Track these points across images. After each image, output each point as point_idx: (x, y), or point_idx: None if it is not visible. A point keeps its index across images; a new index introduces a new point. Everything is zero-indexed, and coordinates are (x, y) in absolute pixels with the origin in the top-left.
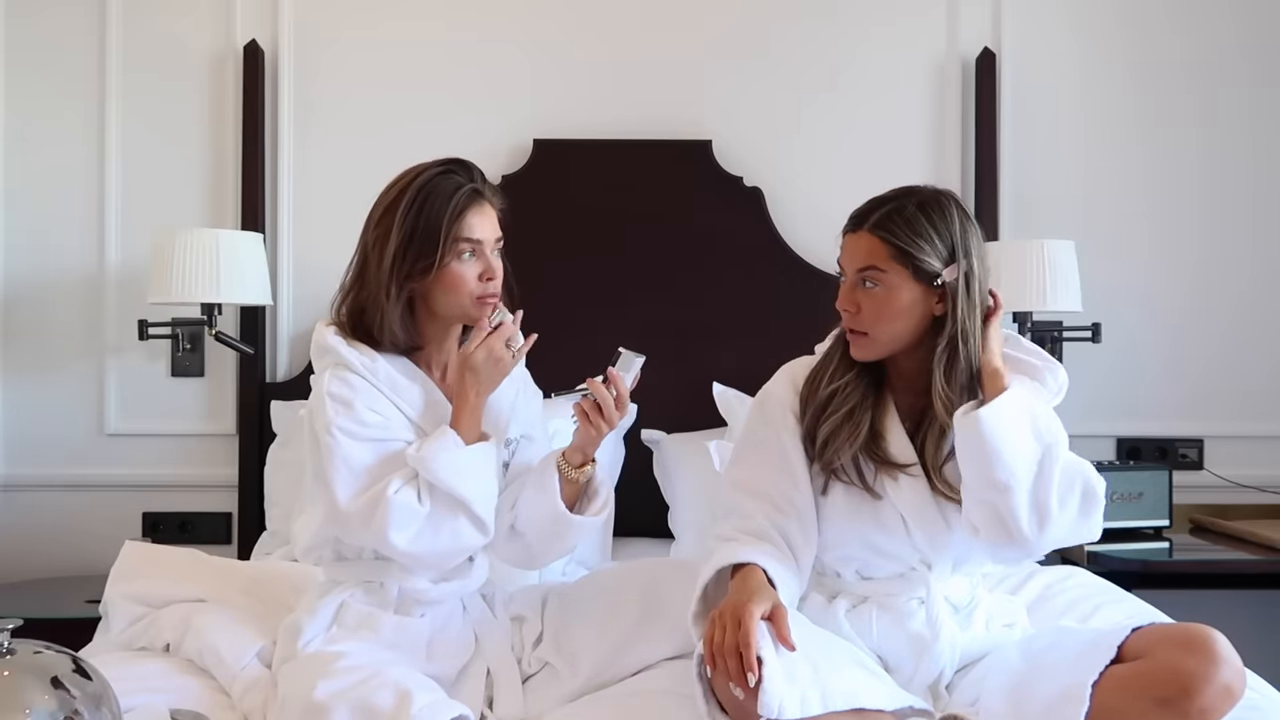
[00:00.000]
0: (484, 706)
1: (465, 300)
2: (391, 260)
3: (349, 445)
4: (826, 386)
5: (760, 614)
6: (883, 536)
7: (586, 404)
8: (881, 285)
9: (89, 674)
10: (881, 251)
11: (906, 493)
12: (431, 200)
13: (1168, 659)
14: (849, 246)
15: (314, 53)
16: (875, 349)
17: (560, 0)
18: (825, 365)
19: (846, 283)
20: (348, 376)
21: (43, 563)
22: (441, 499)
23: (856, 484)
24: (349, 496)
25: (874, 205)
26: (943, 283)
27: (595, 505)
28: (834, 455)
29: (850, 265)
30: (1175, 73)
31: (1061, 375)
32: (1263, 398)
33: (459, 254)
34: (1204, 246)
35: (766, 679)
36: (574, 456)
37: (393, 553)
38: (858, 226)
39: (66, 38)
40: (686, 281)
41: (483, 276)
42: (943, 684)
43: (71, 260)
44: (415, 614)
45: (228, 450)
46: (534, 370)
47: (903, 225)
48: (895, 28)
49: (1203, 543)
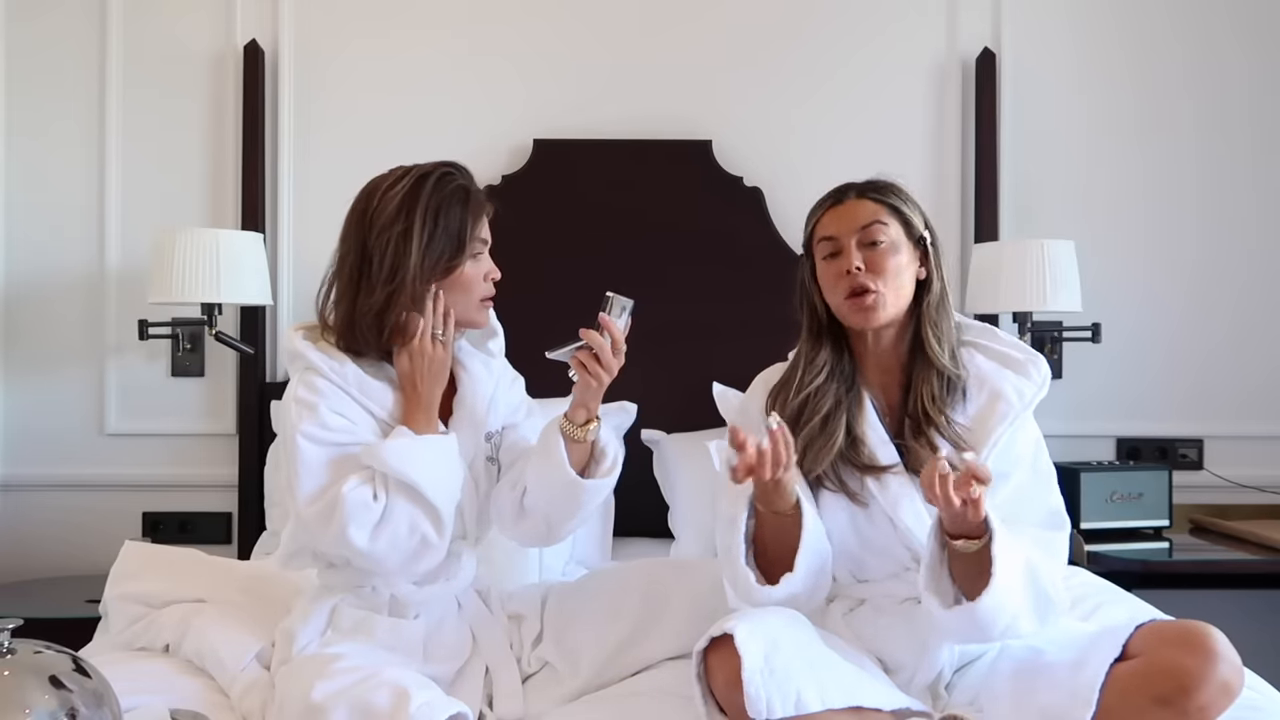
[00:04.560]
0: (483, 705)
1: (473, 301)
2: (417, 267)
3: (310, 449)
4: (797, 395)
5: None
6: (873, 536)
7: (583, 354)
8: (886, 239)
9: (89, 673)
10: (880, 209)
11: (892, 492)
12: (450, 205)
13: (1165, 657)
14: (842, 214)
15: (314, 52)
16: (884, 309)
17: (560, 0)
18: (793, 373)
19: (845, 249)
20: (314, 380)
21: (43, 563)
22: (396, 489)
23: (840, 491)
24: (308, 499)
25: (846, 185)
26: (925, 241)
27: (604, 466)
28: (812, 465)
29: (849, 227)
30: (1175, 73)
31: (1044, 367)
32: (1263, 398)
33: (474, 254)
34: (1204, 246)
35: (747, 681)
36: (577, 414)
37: (355, 554)
38: (842, 198)
39: (67, 38)
40: (686, 281)
41: (487, 277)
42: (942, 684)
43: (72, 260)
44: (409, 615)
45: (228, 450)
46: (533, 369)
47: (888, 190)
48: (895, 28)
49: (1203, 543)
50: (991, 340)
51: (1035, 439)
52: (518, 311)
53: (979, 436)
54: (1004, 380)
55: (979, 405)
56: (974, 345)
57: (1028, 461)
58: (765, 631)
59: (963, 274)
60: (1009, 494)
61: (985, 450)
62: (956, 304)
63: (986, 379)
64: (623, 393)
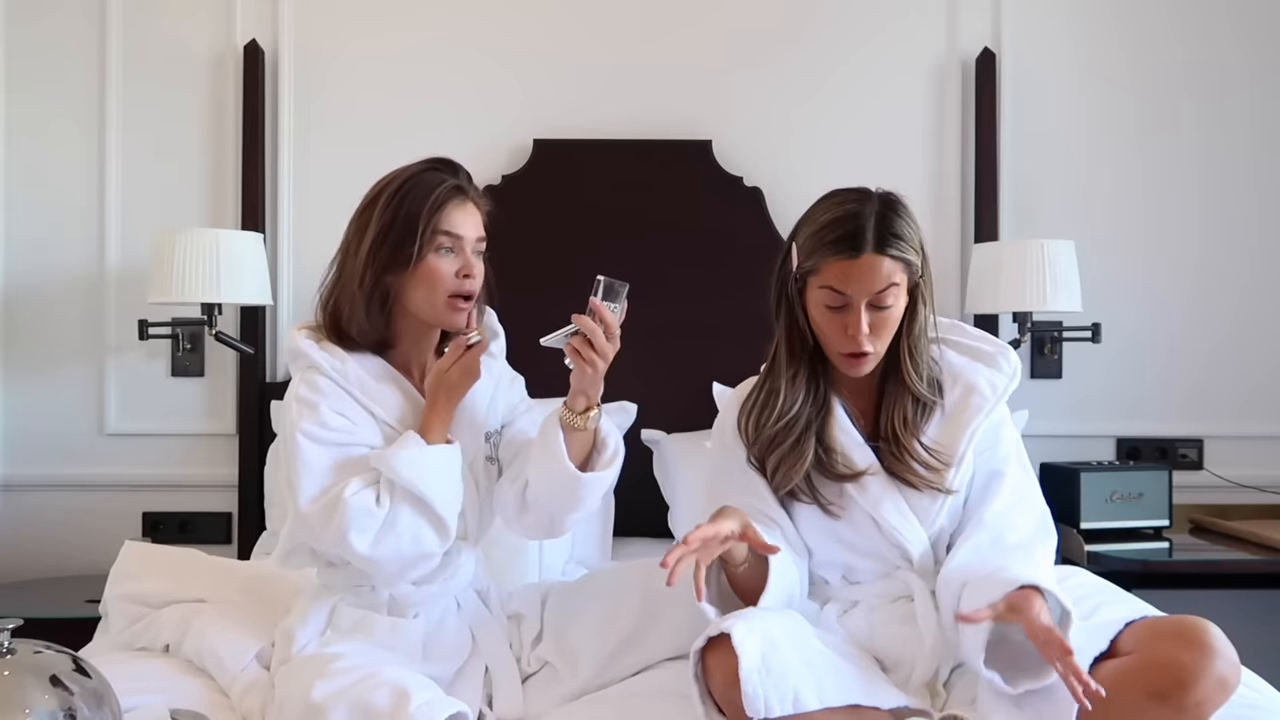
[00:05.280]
0: (483, 705)
1: (439, 297)
2: (368, 250)
3: (311, 449)
4: (777, 422)
5: (729, 530)
6: (856, 540)
7: (576, 341)
8: (894, 301)
9: (89, 673)
10: (895, 269)
11: (873, 493)
12: (413, 193)
13: (1161, 652)
14: (857, 273)
15: (314, 52)
16: (876, 361)
17: (560, 1)
18: (770, 396)
19: (853, 308)
20: (316, 379)
21: (43, 563)
22: (402, 499)
23: (813, 502)
24: (308, 499)
25: (856, 221)
26: (917, 282)
27: (605, 457)
28: (784, 481)
29: (863, 289)
30: (1175, 72)
31: (1013, 358)
32: (1263, 398)
33: (437, 247)
34: (1204, 246)
35: (744, 680)
36: (576, 402)
37: (355, 557)
38: (859, 250)
39: (67, 39)
40: (686, 281)
41: (459, 273)
42: (940, 682)
43: (72, 260)
44: (408, 615)
45: (228, 450)
46: (533, 368)
47: (901, 238)
48: (895, 28)
49: (1203, 543)
50: (961, 335)
51: (1015, 438)
52: (518, 312)
53: (955, 433)
54: (976, 374)
55: (954, 399)
56: (944, 341)
57: (1015, 458)
58: (762, 630)
59: (963, 274)
60: (1009, 496)
61: (963, 443)
62: (956, 304)
63: (960, 374)
64: (623, 393)
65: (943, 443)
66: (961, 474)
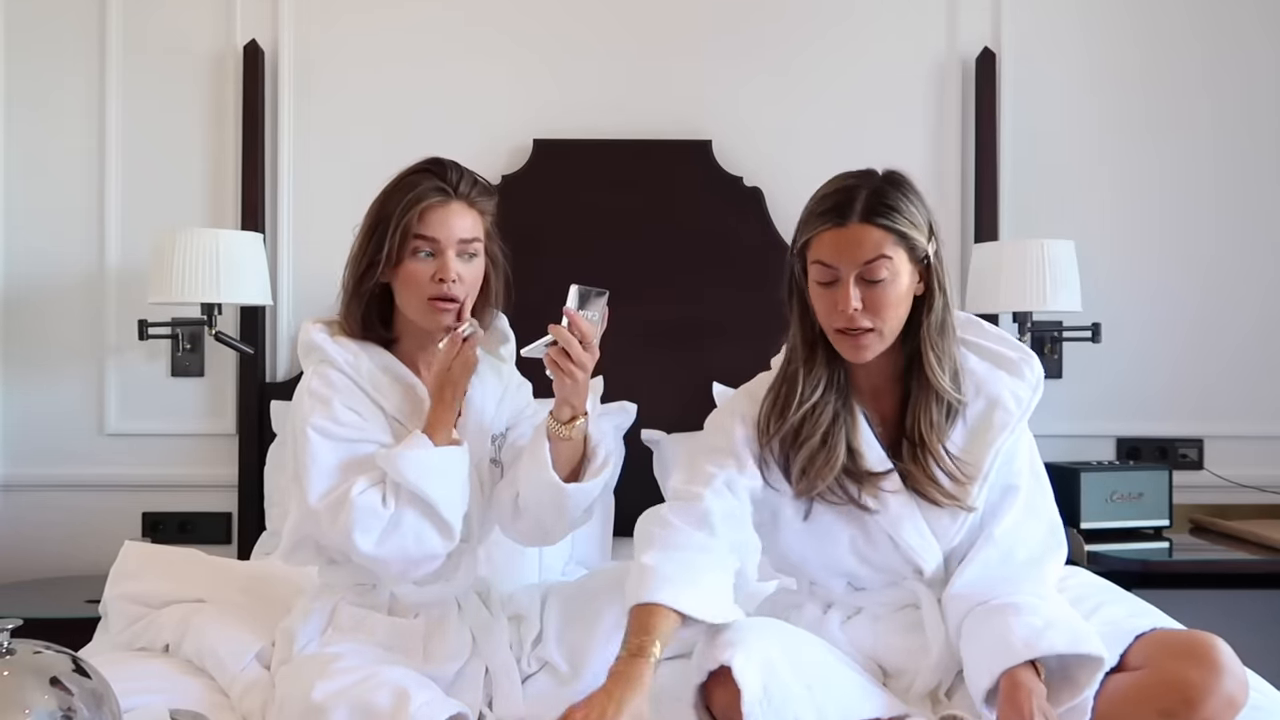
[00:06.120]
0: (483, 706)
1: (416, 300)
2: (357, 250)
3: (321, 444)
4: (795, 412)
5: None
6: (871, 554)
7: (554, 351)
8: (888, 274)
9: (89, 673)
10: (885, 240)
11: (893, 511)
12: (394, 195)
13: (1170, 669)
14: (843, 242)
15: (314, 52)
16: (881, 343)
17: (559, 2)
18: (788, 386)
19: (842, 282)
20: (329, 374)
21: (43, 563)
22: (407, 501)
23: (845, 503)
24: (318, 495)
25: (848, 194)
26: (928, 259)
27: (594, 465)
28: (814, 482)
29: (852, 260)
30: (1174, 72)
31: (1037, 367)
32: (1263, 398)
33: (413, 251)
34: (1204, 246)
35: (747, 715)
36: (560, 411)
37: (359, 556)
38: (845, 219)
39: (66, 38)
40: (686, 281)
41: (434, 277)
42: (942, 691)
43: (72, 260)
44: (409, 615)
45: (228, 450)
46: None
47: (895, 209)
48: (895, 28)
49: (1203, 543)
50: (980, 335)
51: (1030, 444)
52: (517, 312)
53: (979, 450)
54: (1000, 385)
55: (976, 411)
56: (963, 342)
57: (1028, 469)
58: (762, 657)
59: (963, 274)
60: (1021, 510)
61: (988, 461)
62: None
63: (983, 385)
64: (623, 393)
65: (965, 457)
66: (984, 492)
